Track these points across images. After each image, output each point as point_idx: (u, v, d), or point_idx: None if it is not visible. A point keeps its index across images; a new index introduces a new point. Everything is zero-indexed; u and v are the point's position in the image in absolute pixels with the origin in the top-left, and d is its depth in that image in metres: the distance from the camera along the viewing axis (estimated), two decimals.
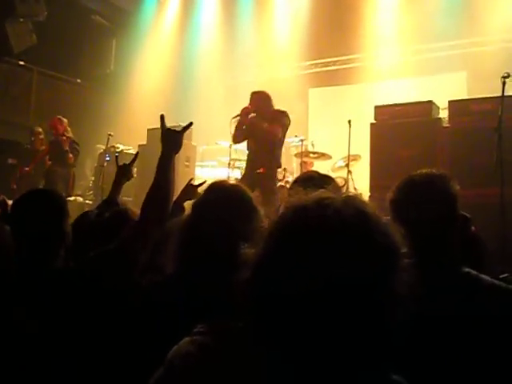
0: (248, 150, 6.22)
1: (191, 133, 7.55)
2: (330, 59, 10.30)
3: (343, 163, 7.38)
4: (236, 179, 5.97)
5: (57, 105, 10.65)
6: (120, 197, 3.22)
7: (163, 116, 2.18)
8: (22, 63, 10.73)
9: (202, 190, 1.90)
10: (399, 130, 5.75)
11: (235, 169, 7.42)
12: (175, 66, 10.81)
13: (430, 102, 5.78)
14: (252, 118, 5.86)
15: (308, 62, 10.53)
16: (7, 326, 1.81)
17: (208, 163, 8.94)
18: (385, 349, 0.96)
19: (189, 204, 2.59)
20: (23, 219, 1.99)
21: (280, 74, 10.35)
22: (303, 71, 10.56)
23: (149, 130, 8.45)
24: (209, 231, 1.67)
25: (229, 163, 7.19)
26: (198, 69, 10.65)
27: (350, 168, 6.99)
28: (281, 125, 5.81)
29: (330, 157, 7.81)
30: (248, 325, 1.02)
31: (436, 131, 5.63)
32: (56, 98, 11.13)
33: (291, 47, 10.24)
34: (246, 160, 6.25)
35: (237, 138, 6.08)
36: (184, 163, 7.79)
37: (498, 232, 4.19)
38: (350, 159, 6.88)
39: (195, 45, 11.09)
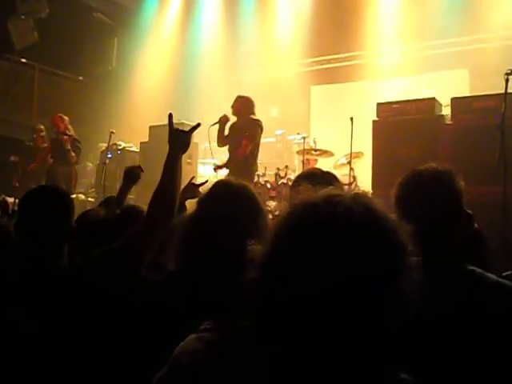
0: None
1: None
2: (332, 57, 10.28)
3: (345, 160, 7.36)
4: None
5: (58, 102, 10.64)
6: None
7: (171, 115, 2.13)
8: (24, 61, 10.71)
9: (203, 190, 1.88)
10: (401, 128, 5.73)
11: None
12: (177, 64, 10.79)
13: (433, 99, 5.77)
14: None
15: (310, 60, 10.52)
16: (6, 326, 1.80)
17: (209, 161, 8.93)
18: (386, 348, 0.96)
19: (190, 203, 2.59)
20: (30, 216, 1.96)
21: (282, 72, 10.35)
22: (305, 69, 10.55)
23: (150, 128, 8.45)
24: (214, 228, 1.65)
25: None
26: (200, 67, 10.62)
27: (353, 165, 6.98)
28: (249, 137, 6.26)
29: (333, 154, 7.81)
30: (252, 324, 1.02)
31: (438, 128, 5.61)
32: (58, 96, 11.11)
33: (293, 45, 10.22)
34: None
35: (220, 144, 6.72)
36: (186, 160, 7.79)
37: (501, 229, 4.19)
38: (353, 156, 6.86)
39: (197, 43, 11.07)
